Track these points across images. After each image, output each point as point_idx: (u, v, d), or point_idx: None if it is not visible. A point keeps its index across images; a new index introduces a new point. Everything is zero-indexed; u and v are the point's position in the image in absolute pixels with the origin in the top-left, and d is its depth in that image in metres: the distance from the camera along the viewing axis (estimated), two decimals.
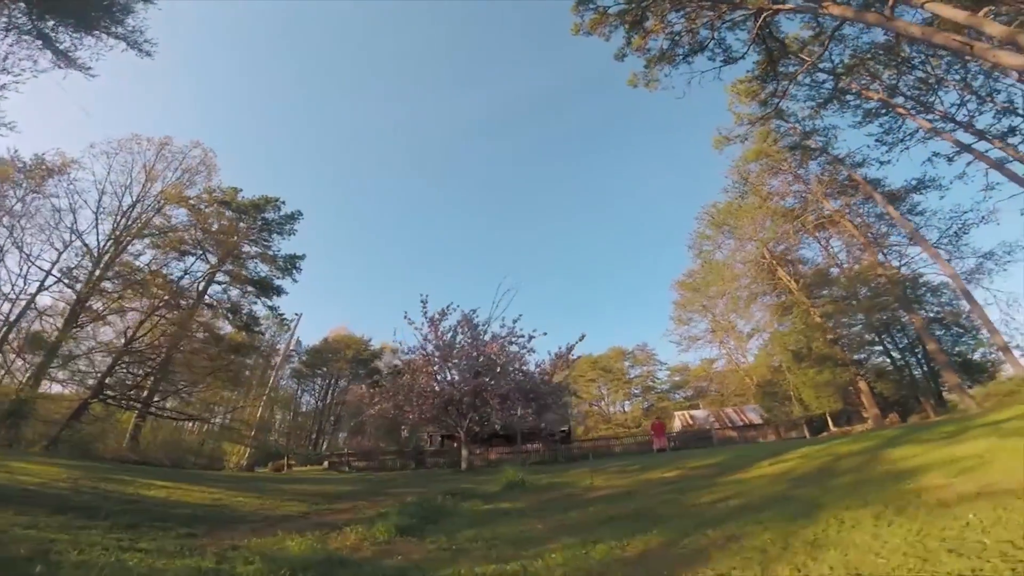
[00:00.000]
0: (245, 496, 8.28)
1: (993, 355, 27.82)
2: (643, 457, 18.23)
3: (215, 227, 32.69)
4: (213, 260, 32.91)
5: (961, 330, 28.83)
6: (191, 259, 32.92)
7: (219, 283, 35.80)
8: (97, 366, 21.85)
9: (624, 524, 5.38)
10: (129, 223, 25.76)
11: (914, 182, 27.75)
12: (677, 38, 21.35)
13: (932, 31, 13.96)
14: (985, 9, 13.02)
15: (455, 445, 31.86)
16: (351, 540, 5.12)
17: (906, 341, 30.71)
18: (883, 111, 26.19)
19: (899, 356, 30.88)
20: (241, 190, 34.93)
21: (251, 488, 10.06)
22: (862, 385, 28.76)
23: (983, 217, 26.72)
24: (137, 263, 26.11)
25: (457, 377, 19.01)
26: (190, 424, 32.21)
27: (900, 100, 25.53)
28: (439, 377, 18.93)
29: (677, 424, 44.90)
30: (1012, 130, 23.39)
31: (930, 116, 25.20)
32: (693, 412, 49.16)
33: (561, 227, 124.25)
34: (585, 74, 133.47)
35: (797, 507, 4.85)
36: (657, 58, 21.16)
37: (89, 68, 19.04)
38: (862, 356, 31.16)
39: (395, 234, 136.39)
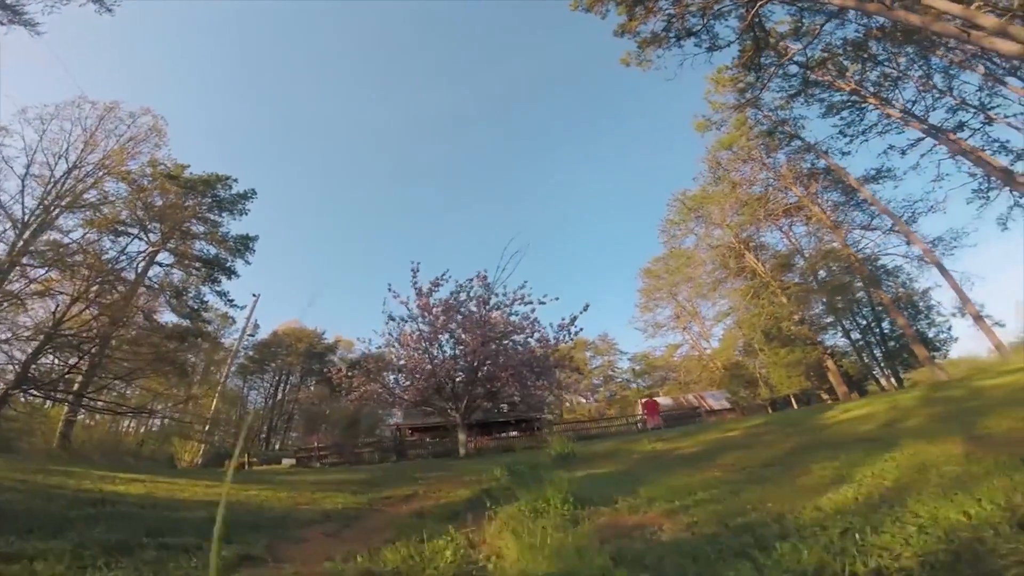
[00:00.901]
0: (257, 488, 6.31)
1: (945, 333, 29.48)
2: (643, 435, 17.33)
3: (159, 203, 29.25)
4: (154, 239, 29.48)
5: (915, 310, 30.34)
6: (129, 239, 29.64)
7: (161, 264, 32.36)
8: (17, 354, 18.32)
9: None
10: (62, 191, 22.15)
11: (872, 172, 28.96)
12: (670, 21, 21.42)
13: (931, 20, 14.28)
14: (977, 3, 13.68)
15: (427, 438, 30.20)
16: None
17: (864, 322, 31.94)
18: (848, 104, 26.97)
19: (859, 336, 32.06)
20: (189, 166, 31.62)
21: (251, 480, 8.10)
22: (830, 364, 29.57)
23: (931, 206, 28.18)
24: (67, 240, 22.45)
25: (450, 352, 17.35)
26: (128, 422, 28.40)
27: (862, 95, 26.35)
28: (432, 353, 17.14)
29: (640, 411, 45.10)
30: (961, 125, 24.61)
31: (888, 111, 26.07)
32: (657, 399, 49.75)
33: (527, 218, 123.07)
34: (566, 61, 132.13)
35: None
36: (649, 40, 21.22)
37: (36, 24, 16.10)
38: (826, 337, 32.10)
39: (354, 230, 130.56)
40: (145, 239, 30.11)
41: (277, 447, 53.09)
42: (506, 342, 16.06)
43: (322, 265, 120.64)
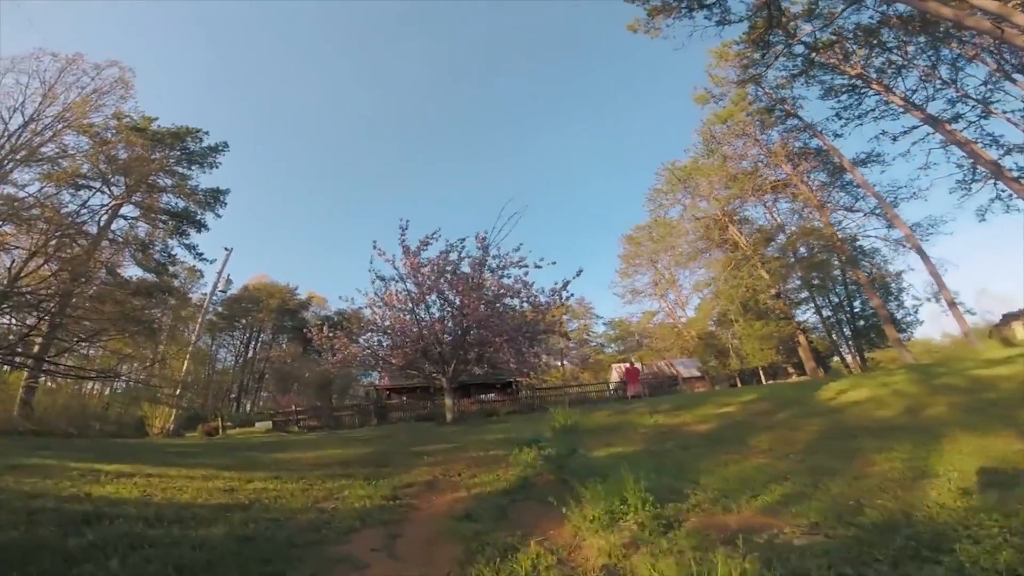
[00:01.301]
0: (262, 479, 5.40)
1: (911, 316, 30.57)
2: (630, 404, 17.36)
3: (123, 156, 27.51)
4: (118, 192, 27.81)
5: (887, 291, 31.24)
6: (91, 192, 28.05)
7: (126, 218, 30.66)
8: None
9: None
10: (16, 145, 20.37)
11: (863, 155, 29.06)
12: None
13: (964, 14, 14.15)
14: (1014, 1, 13.73)
15: (404, 398, 29.93)
16: None
17: (836, 300, 32.77)
18: (848, 88, 26.90)
19: (830, 314, 32.93)
20: (157, 118, 29.89)
21: (238, 461, 7.47)
22: (802, 339, 30.38)
23: (914, 193, 28.57)
24: (22, 194, 20.79)
25: (439, 314, 16.80)
26: (92, 386, 27.02)
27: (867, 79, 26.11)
28: (420, 315, 16.53)
29: (614, 375, 45.92)
30: (958, 116, 24.82)
31: (890, 97, 25.90)
32: (636, 366, 50.65)
33: (517, 181, 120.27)
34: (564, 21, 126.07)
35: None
36: (659, 8, 20.80)
37: None
38: (798, 312, 32.87)
39: (338, 186, 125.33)
40: (108, 192, 28.81)
41: (248, 408, 52.15)
42: (498, 305, 15.57)
43: (301, 220, 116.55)
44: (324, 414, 23.31)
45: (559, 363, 50.88)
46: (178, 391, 22.88)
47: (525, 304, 15.70)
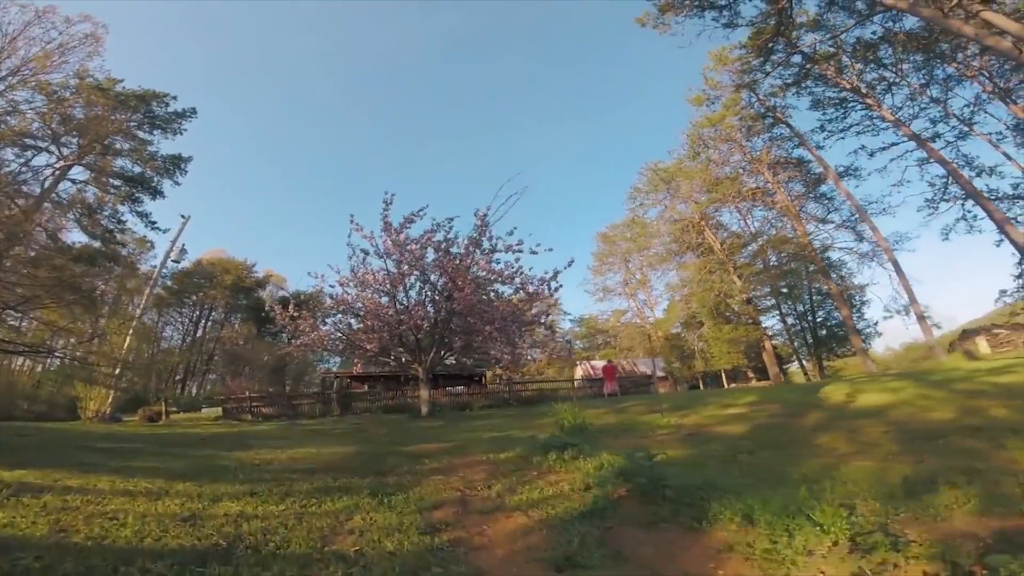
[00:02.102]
0: (230, 497, 3.87)
1: (870, 328, 31.34)
2: (617, 402, 16.44)
3: (80, 116, 25.28)
4: (68, 153, 25.66)
5: (850, 303, 31.95)
6: (36, 152, 25.71)
7: (75, 181, 27.98)
8: None
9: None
10: None
11: (841, 168, 29.47)
12: None
13: (984, 33, 14.29)
14: None
15: (366, 387, 28.12)
16: None
17: (801, 308, 33.32)
18: (836, 101, 27.06)
19: (795, 322, 33.47)
20: (123, 80, 27.80)
21: (193, 464, 5.91)
22: (767, 344, 30.65)
23: (884, 208, 29.18)
24: None
25: (416, 297, 15.41)
26: (23, 362, 23.83)
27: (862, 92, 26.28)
28: (399, 298, 15.05)
29: (579, 373, 45.46)
30: (937, 136, 25.33)
31: (883, 112, 26.08)
32: (593, 363, 50.30)
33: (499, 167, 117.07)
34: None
35: None
36: (670, 4, 20.87)
37: None
38: (764, 319, 33.23)
39: (319, 162, 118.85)
40: (57, 153, 26.61)
41: (195, 391, 48.59)
42: (489, 291, 14.33)
43: (271, 193, 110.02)
44: (281, 402, 21.37)
45: (538, 357, 49.88)
46: (117, 370, 20.30)
47: (518, 292, 14.51)
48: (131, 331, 21.53)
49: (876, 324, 29.77)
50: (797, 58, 25.89)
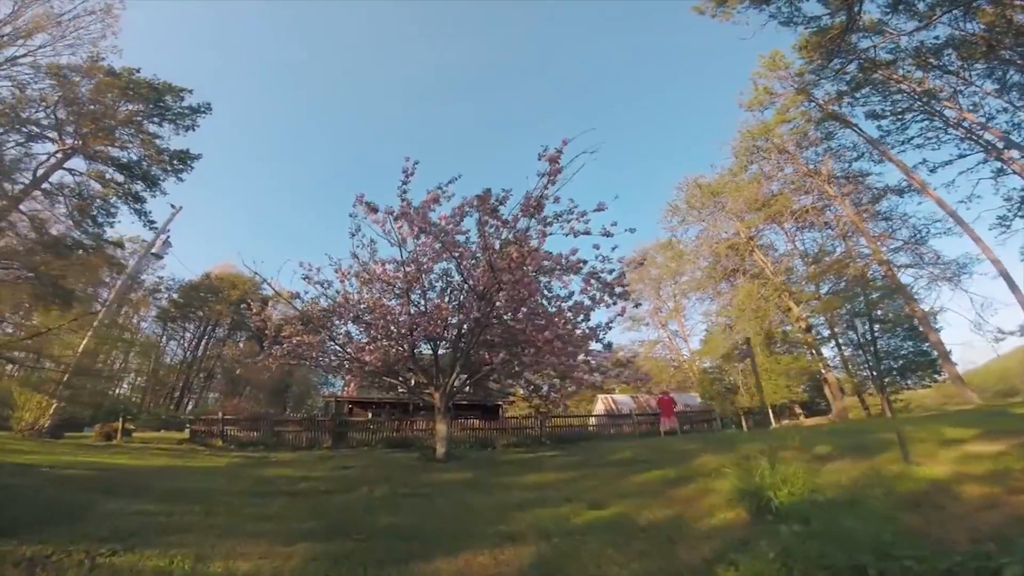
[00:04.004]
0: None
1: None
2: (692, 443, 11.28)
3: (86, 102, 22.58)
4: (70, 141, 22.84)
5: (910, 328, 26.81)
6: (35, 139, 22.84)
7: (72, 171, 24.98)
8: None
9: None
10: None
11: (904, 184, 25.09)
12: None
13: None
14: None
15: (370, 415, 23.10)
16: None
17: (858, 336, 28.11)
18: (904, 109, 23.04)
19: (855, 352, 28.22)
20: (139, 69, 24.71)
21: None
22: (829, 376, 25.40)
23: (949, 228, 24.68)
24: None
25: (437, 299, 10.79)
26: None
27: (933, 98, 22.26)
28: (414, 299, 10.46)
29: (600, 407, 39.91)
30: (1008, 145, 21.11)
31: (961, 116, 21.97)
32: (615, 397, 44.69)
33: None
34: None
35: None
36: None
37: None
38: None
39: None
40: (58, 141, 23.29)
41: (190, 407, 43.83)
42: (544, 282, 9.52)
43: (289, 201, 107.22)
44: (263, 426, 16.50)
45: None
46: (66, 375, 15.70)
47: (590, 292, 9.66)
48: (90, 332, 16.97)
49: (949, 352, 24.54)
50: (852, 66, 22.46)
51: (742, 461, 7.16)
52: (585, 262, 8.87)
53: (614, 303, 10.06)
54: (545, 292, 9.69)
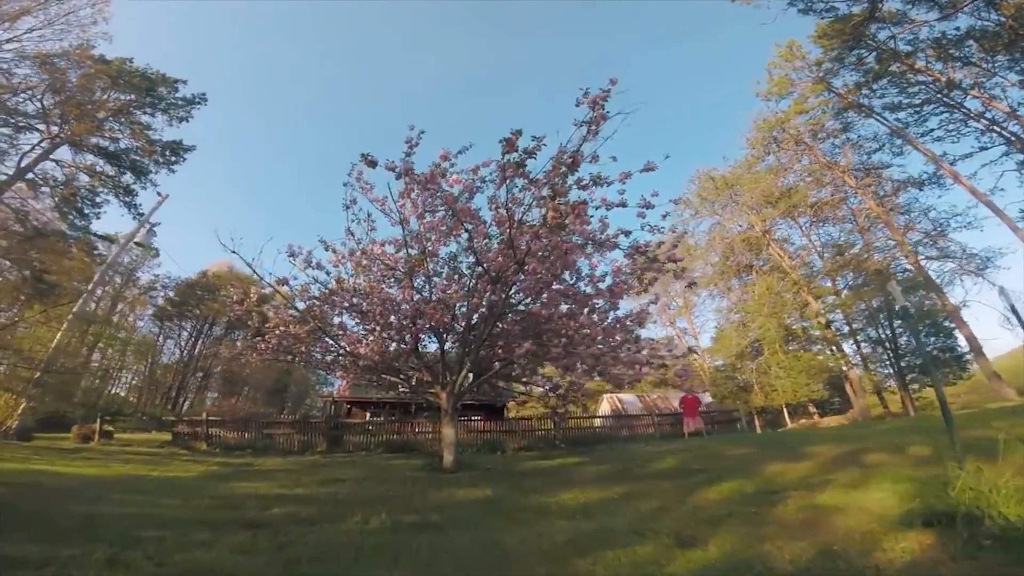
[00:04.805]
0: None
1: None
2: (721, 444, 9.59)
3: (74, 90, 21.62)
4: (57, 131, 22.21)
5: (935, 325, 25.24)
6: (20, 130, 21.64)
7: (59, 162, 23.51)
8: None
9: None
10: None
11: (926, 175, 23.68)
12: None
13: None
14: None
15: (369, 416, 21.43)
16: None
17: (879, 333, 26.53)
18: (926, 100, 21.79)
19: (873, 348, 26.62)
20: (132, 59, 23.41)
21: None
22: (851, 374, 23.79)
23: (969, 222, 23.30)
24: None
25: (442, 284, 9.23)
26: None
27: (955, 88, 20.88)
28: (418, 284, 8.88)
29: (605, 407, 38.15)
30: None
31: (989, 105, 20.61)
32: (621, 396, 42.92)
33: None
34: None
35: None
36: None
37: None
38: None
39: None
40: (45, 131, 21.89)
41: (186, 407, 42.15)
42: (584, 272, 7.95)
43: (288, 200, 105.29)
44: (249, 426, 14.86)
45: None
46: (37, 374, 14.08)
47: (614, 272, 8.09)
48: (63, 326, 15.33)
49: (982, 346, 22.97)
50: (871, 57, 21.29)
51: (829, 467, 5.59)
52: (628, 232, 7.25)
53: (652, 283, 8.45)
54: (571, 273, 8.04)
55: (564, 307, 8.14)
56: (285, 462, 11.24)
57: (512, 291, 7.77)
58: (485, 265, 8.06)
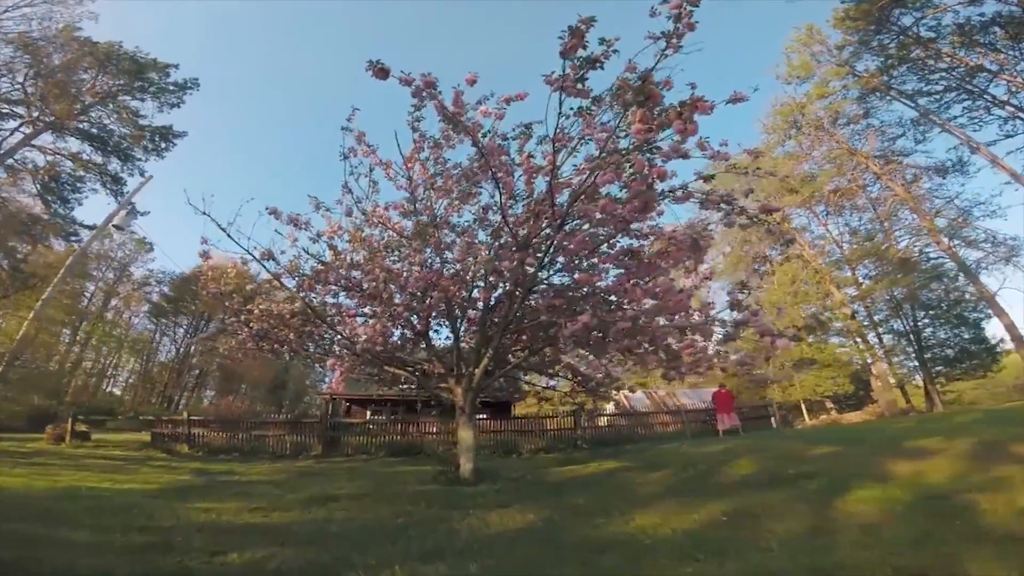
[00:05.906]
0: None
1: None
2: (769, 444, 7.74)
3: (58, 71, 20.08)
4: (38, 115, 20.61)
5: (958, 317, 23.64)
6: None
7: (43, 149, 22.04)
8: None
9: None
10: None
11: (949, 162, 22.27)
12: None
13: None
14: None
15: (369, 413, 19.64)
16: None
17: (902, 326, 24.92)
18: (940, 91, 20.78)
19: (895, 340, 24.99)
20: (122, 42, 21.89)
21: None
22: (877, 367, 22.16)
23: (993, 211, 21.98)
24: None
25: (460, 248, 7.58)
26: None
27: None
28: (429, 259, 7.21)
29: (611, 405, 36.39)
30: None
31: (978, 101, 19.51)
32: (626, 393, 41.17)
33: None
34: None
35: None
36: None
37: None
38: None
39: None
40: (27, 116, 20.82)
41: (182, 406, 40.38)
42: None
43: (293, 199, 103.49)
44: (237, 426, 13.10)
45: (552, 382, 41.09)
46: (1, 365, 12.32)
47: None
48: (29, 317, 13.55)
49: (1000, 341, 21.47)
50: (892, 42, 20.03)
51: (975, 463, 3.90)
52: (710, 176, 5.47)
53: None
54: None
55: (612, 273, 6.42)
56: (272, 469, 9.49)
57: (548, 254, 5.99)
58: (512, 226, 6.32)
